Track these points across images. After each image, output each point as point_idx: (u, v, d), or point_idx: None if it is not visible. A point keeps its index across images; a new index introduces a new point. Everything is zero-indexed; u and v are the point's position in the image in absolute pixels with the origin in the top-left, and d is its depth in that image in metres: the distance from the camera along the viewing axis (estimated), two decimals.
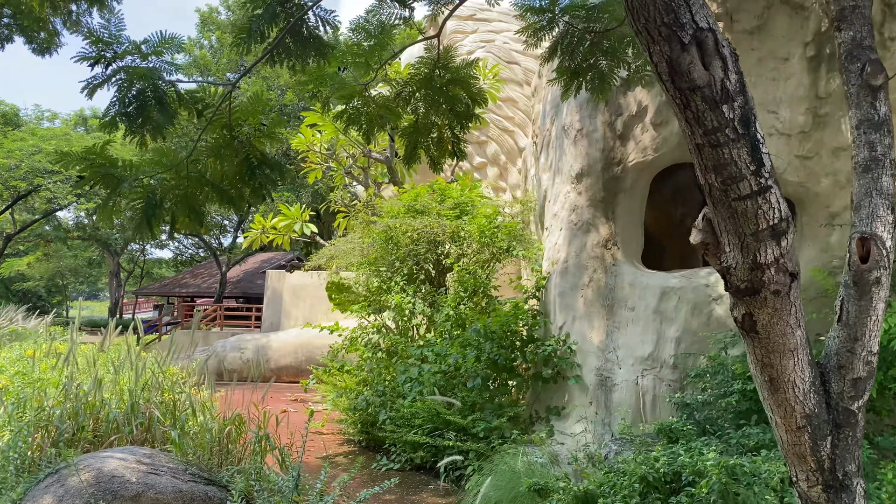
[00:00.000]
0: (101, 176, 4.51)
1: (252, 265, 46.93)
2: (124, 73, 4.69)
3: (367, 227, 9.34)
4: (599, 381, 7.12)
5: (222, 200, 4.87)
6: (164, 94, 4.73)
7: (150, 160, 4.82)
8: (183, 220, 4.73)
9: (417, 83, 6.75)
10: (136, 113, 4.63)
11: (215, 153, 4.94)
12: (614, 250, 7.38)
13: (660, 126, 7.25)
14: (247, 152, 4.92)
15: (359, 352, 8.60)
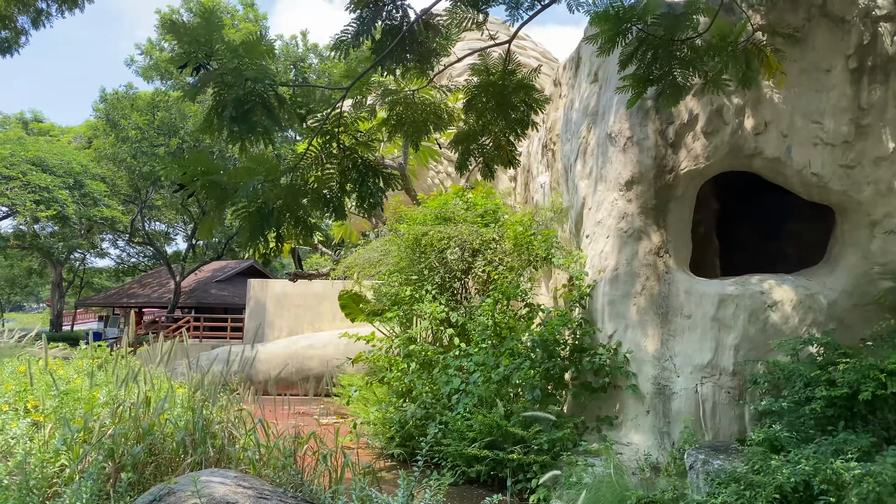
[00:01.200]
0: (207, 185, 4.20)
1: (204, 274, 45.60)
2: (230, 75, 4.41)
3: (393, 235, 9.11)
4: (657, 390, 7.10)
5: (325, 209, 4.61)
6: (269, 98, 4.46)
7: (248, 168, 4.53)
8: (289, 230, 4.46)
9: (483, 89, 6.62)
10: (241, 117, 4.35)
11: (317, 161, 4.69)
12: (666, 258, 7.39)
13: (710, 134, 7.31)
14: (353, 160, 4.68)
15: (394, 363, 8.35)
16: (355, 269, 9.37)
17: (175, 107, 25.42)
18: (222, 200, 4.25)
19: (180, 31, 4.42)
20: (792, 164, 7.25)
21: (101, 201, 27.35)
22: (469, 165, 7.03)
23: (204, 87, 4.37)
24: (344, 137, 4.82)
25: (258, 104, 4.40)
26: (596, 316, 7.75)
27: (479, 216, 8.95)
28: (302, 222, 4.51)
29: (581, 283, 7.91)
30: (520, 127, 6.84)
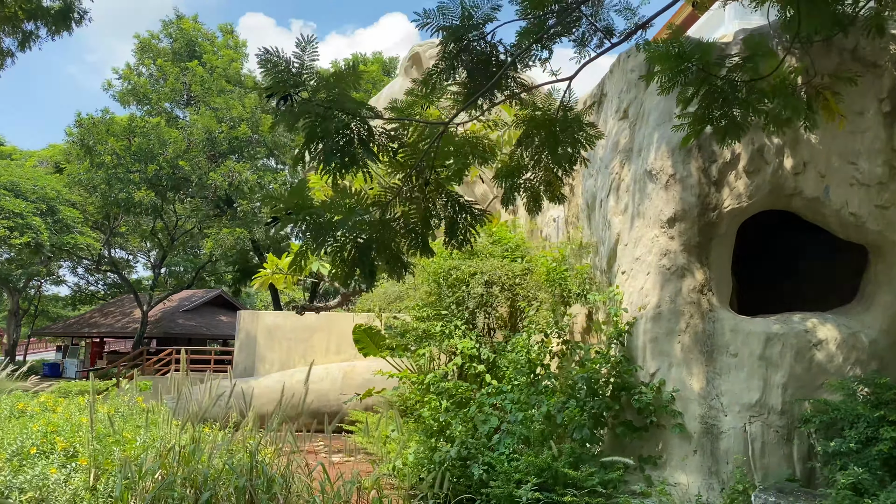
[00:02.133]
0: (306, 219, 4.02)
1: (170, 304, 44.45)
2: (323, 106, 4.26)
3: (420, 269, 8.94)
4: (704, 429, 7.03)
5: (414, 246, 4.46)
6: (362, 131, 4.32)
7: (338, 202, 4.36)
8: (383, 266, 4.29)
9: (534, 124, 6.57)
10: (340, 150, 4.19)
11: (403, 195, 4.55)
12: (710, 296, 7.39)
13: (752, 174, 7.39)
14: (444, 196, 4.55)
15: (429, 400, 8.13)
16: (378, 303, 9.15)
17: (154, 133, 24.90)
18: (320, 235, 4.06)
19: (273, 60, 4.26)
20: (830, 203, 7.36)
21: (74, 228, 26.50)
22: (513, 201, 6.95)
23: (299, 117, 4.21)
24: (443, 173, 4.68)
25: (354, 137, 4.26)
26: (636, 353, 7.68)
27: (506, 250, 8.86)
28: (395, 258, 4.34)
29: (619, 319, 7.84)
30: (568, 163, 6.79)
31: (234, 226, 25.42)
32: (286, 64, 4.36)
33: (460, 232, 4.61)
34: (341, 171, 4.24)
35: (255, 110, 25.12)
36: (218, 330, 44.94)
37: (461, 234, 4.62)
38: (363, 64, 29.20)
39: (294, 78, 4.49)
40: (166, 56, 28.00)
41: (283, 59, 4.37)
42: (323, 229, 4.07)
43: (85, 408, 9.87)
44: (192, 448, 5.60)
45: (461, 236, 4.63)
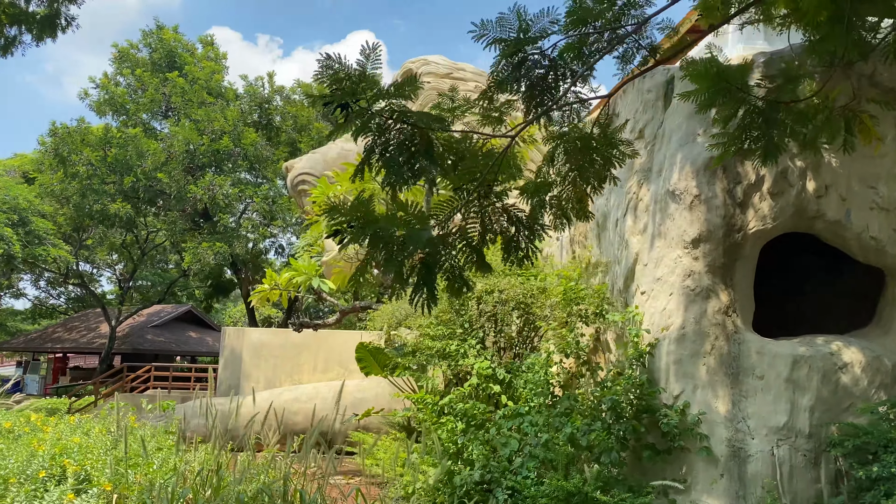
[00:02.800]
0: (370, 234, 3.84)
1: (138, 319, 43.35)
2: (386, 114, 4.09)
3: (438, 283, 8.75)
4: (732, 453, 6.94)
5: (470, 262, 4.29)
6: (430, 140, 4.16)
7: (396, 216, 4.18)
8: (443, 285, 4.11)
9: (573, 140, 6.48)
10: (403, 160, 4.02)
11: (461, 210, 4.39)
12: (734, 317, 7.34)
13: (776, 196, 7.39)
14: (504, 211, 4.40)
15: (445, 421, 7.91)
16: (388, 320, 8.92)
17: (132, 144, 24.33)
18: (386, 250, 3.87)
19: (335, 68, 4.09)
20: (851, 227, 7.40)
21: (46, 240, 25.69)
22: (540, 218, 6.84)
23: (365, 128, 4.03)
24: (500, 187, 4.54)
25: (419, 149, 4.09)
26: (658, 375, 7.58)
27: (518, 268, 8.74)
28: (457, 274, 4.17)
29: (640, 340, 7.75)
30: (598, 180, 6.70)
31: (214, 240, 24.87)
32: (347, 72, 4.19)
33: (520, 248, 4.46)
34: (404, 183, 4.07)
35: (237, 123, 24.76)
36: (187, 346, 43.95)
37: (521, 250, 4.47)
38: None
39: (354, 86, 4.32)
40: (145, 66, 27.48)
41: (345, 67, 4.20)
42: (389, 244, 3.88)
43: (77, 427, 9.43)
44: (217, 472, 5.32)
45: (521, 252, 4.48)
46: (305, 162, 18.09)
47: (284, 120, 26.34)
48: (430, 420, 8.08)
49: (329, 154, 18.13)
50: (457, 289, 4.21)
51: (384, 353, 10.40)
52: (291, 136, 26.30)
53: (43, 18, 15.89)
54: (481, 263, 4.40)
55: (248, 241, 25.48)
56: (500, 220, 4.48)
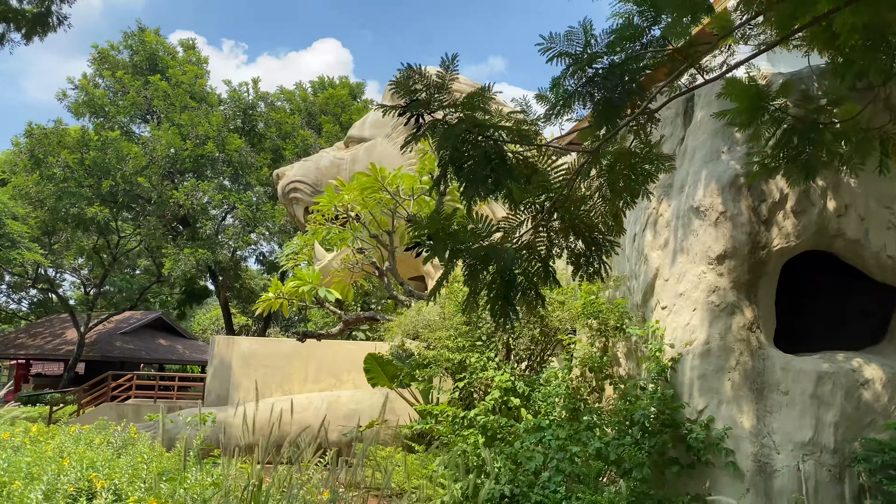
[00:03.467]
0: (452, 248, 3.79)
1: (107, 325, 42.29)
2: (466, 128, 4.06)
3: (453, 295, 8.70)
4: (758, 468, 7.00)
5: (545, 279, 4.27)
6: (503, 151, 4.14)
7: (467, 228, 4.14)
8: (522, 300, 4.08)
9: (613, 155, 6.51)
10: (485, 175, 3.99)
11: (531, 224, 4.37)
12: (758, 333, 7.43)
13: (799, 214, 7.53)
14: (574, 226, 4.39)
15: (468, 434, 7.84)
16: (405, 331, 8.81)
17: (112, 147, 23.81)
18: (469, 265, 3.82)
19: (414, 77, 4.05)
20: (870, 246, 7.56)
21: (20, 243, 24.95)
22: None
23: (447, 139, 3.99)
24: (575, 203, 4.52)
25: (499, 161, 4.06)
26: (681, 390, 7.63)
27: None
28: (533, 289, 4.14)
29: (662, 355, 7.80)
30: (631, 195, 6.74)
31: (196, 246, 24.39)
32: (426, 82, 4.15)
33: (591, 263, 4.45)
34: (485, 196, 4.04)
35: (222, 129, 24.42)
36: (157, 354, 43.02)
37: (592, 265, 4.46)
38: (332, 87, 28.92)
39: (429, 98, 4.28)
40: (126, 68, 26.96)
41: (424, 77, 4.15)
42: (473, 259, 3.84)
43: (79, 438, 9.13)
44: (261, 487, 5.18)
45: (592, 268, 4.47)
46: (297, 170, 17.90)
47: (268, 127, 26.05)
48: (450, 433, 8.01)
49: (321, 162, 17.98)
50: (530, 302, 4.18)
51: (393, 364, 10.30)
52: (276, 142, 26.02)
53: (34, 16, 15.50)
54: (550, 277, 4.38)
55: (230, 248, 25.06)
56: (568, 234, 4.46)
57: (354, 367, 16.68)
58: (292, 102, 28.22)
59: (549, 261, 4.43)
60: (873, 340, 8.40)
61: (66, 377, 36.69)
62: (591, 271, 4.49)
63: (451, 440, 7.71)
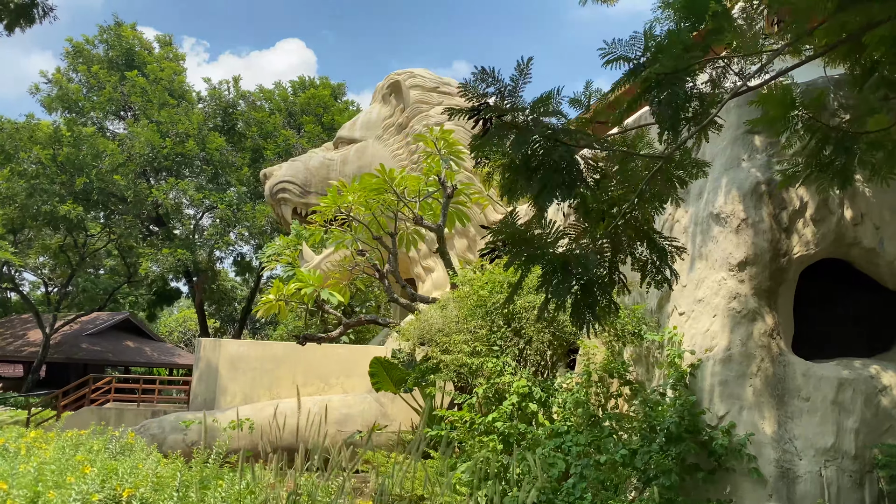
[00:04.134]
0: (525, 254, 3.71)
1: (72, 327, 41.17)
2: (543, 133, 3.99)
3: (464, 300, 8.61)
4: (780, 473, 7.04)
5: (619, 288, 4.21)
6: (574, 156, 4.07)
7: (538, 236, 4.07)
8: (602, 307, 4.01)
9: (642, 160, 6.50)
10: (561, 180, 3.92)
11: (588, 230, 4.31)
12: (778, 340, 7.49)
13: (819, 222, 7.62)
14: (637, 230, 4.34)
15: (489, 440, 7.75)
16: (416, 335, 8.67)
17: (87, 143, 23.15)
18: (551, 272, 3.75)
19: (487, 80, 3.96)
20: (884, 255, 7.68)
21: None
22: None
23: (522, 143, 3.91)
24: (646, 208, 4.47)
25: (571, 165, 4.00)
26: (701, 396, 7.65)
27: None
28: (607, 295, 4.08)
29: (681, 361, 7.82)
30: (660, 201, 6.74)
31: (175, 247, 23.81)
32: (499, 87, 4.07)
33: (660, 270, 4.40)
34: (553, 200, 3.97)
35: (202, 127, 23.92)
36: (125, 356, 42.03)
37: (661, 272, 4.41)
38: (312, 87, 28.59)
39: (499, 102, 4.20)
40: (101, 63, 26.27)
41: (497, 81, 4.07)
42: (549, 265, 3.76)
43: (79, 444, 8.81)
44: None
45: (661, 275, 4.42)
46: (286, 170, 17.63)
47: (249, 126, 25.60)
48: (468, 439, 7.91)
49: (310, 163, 17.74)
50: (604, 308, 4.12)
51: (399, 368, 10.16)
52: (257, 142, 25.60)
53: (19, 6, 15.01)
54: (618, 284, 4.32)
55: (209, 248, 24.55)
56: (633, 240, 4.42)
57: (343, 371, 16.49)
58: (272, 102, 27.81)
59: (616, 267, 4.37)
60: (869, 347, 8.52)
61: (30, 380, 35.59)
62: (660, 278, 4.45)
63: (471, 446, 7.61)
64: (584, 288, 3.91)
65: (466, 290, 9.10)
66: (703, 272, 7.97)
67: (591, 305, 3.91)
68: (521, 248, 3.79)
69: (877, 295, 8.33)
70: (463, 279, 9.36)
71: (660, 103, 4.38)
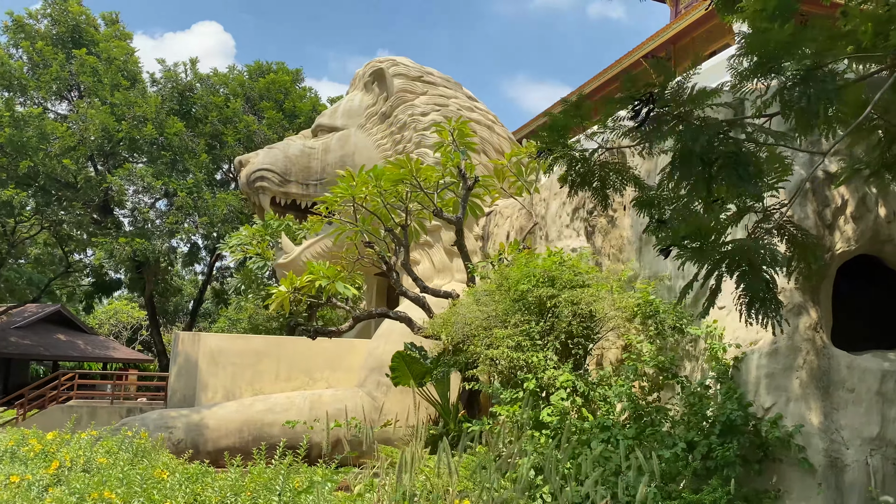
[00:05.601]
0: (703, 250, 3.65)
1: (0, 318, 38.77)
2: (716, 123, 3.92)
3: (502, 293, 8.49)
4: (829, 463, 7.26)
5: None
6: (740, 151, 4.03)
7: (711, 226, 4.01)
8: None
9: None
10: (737, 169, 3.86)
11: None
12: (822, 333, 7.71)
13: (858, 219, 7.88)
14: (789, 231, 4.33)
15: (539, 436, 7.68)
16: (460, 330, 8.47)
17: (33, 125, 21.69)
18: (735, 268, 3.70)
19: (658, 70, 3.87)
20: None
21: None
22: (650, 231, 6.90)
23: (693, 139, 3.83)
24: None
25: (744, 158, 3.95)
26: (747, 388, 7.81)
27: (587, 281, 8.72)
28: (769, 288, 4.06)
29: (723, 355, 7.96)
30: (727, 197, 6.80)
31: (133, 235, 22.61)
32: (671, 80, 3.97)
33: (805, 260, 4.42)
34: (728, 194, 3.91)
35: (160, 110, 22.80)
36: (57, 350, 39.96)
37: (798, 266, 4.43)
38: (274, 73, 27.68)
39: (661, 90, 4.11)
40: (46, 40, 24.66)
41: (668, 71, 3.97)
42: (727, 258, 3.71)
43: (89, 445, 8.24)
44: None
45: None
46: (264, 157, 16.98)
47: (208, 110, 24.56)
48: (516, 436, 7.83)
49: (289, 151, 17.15)
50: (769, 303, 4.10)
51: (420, 362, 9.96)
52: (217, 127, 24.60)
53: None
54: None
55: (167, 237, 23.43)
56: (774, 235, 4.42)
57: (328, 365, 16.06)
58: (228, 86, 26.81)
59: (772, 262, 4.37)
60: (870, 337, 8.85)
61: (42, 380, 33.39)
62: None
63: (524, 442, 7.53)
64: (766, 282, 3.89)
65: (496, 284, 9.00)
66: None
67: (771, 301, 3.88)
68: (702, 244, 3.72)
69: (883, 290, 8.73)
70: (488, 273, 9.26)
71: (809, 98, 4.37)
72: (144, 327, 52.01)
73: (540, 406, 8.02)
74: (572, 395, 8.02)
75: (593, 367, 9.97)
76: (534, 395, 8.00)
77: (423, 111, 16.80)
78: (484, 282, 9.80)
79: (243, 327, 34.14)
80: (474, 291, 9.33)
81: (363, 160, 16.83)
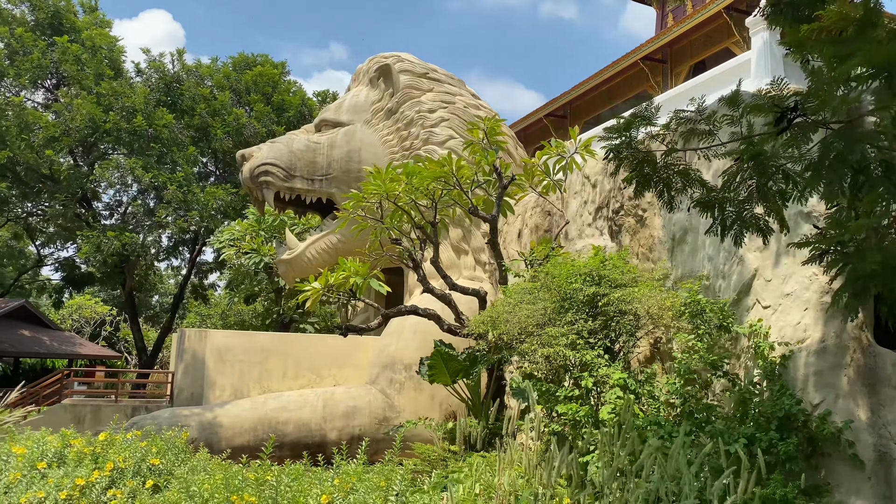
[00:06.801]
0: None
1: None
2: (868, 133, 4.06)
3: (546, 291, 8.58)
4: (878, 457, 7.54)
5: None
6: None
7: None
8: None
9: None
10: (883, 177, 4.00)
11: None
12: (867, 332, 8.00)
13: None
14: None
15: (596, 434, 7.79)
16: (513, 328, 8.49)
17: (14, 114, 20.93)
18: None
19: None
20: None
21: None
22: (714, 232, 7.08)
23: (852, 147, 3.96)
24: None
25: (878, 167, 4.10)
26: (794, 385, 8.05)
27: (631, 280, 8.88)
28: None
29: (770, 353, 8.19)
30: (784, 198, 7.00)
31: (120, 228, 22.00)
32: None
33: None
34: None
35: (149, 101, 22.22)
36: (22, 346, 38.62)
37: None
38: (261, 65, 27.26)
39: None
40: (25, 26, 23.81)
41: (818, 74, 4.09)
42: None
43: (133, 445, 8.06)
44: None
45: None
46: (268, 151, 16.75)
47: (197, 102, 24.02)
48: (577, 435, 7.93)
49: (294, 145, 16.95)
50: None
51: (457, 360, 9.99)
52: (205, 119, 24.09)
53: None
54: None
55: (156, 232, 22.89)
56: None
57: (335, 362, 15.97)
58: (213, 78, 26.30)
59: None
60: None
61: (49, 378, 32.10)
62: None
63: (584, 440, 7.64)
64: None
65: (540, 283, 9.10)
66: (791, 268, 8.36)
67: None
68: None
69: None
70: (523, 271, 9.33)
71: None
72: (109, 322, 50.80)
73: (591, 403, 8.14)
74: (625, 393, 8.16)
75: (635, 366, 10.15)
76: (587, 392, 8.12)
77: (431, 108, 16.78)
78: (520, 280, 9.87)
79: (214, 323, 33.60)
80: (515, 290, 9.41)
81: (369, 156, 16.76)
